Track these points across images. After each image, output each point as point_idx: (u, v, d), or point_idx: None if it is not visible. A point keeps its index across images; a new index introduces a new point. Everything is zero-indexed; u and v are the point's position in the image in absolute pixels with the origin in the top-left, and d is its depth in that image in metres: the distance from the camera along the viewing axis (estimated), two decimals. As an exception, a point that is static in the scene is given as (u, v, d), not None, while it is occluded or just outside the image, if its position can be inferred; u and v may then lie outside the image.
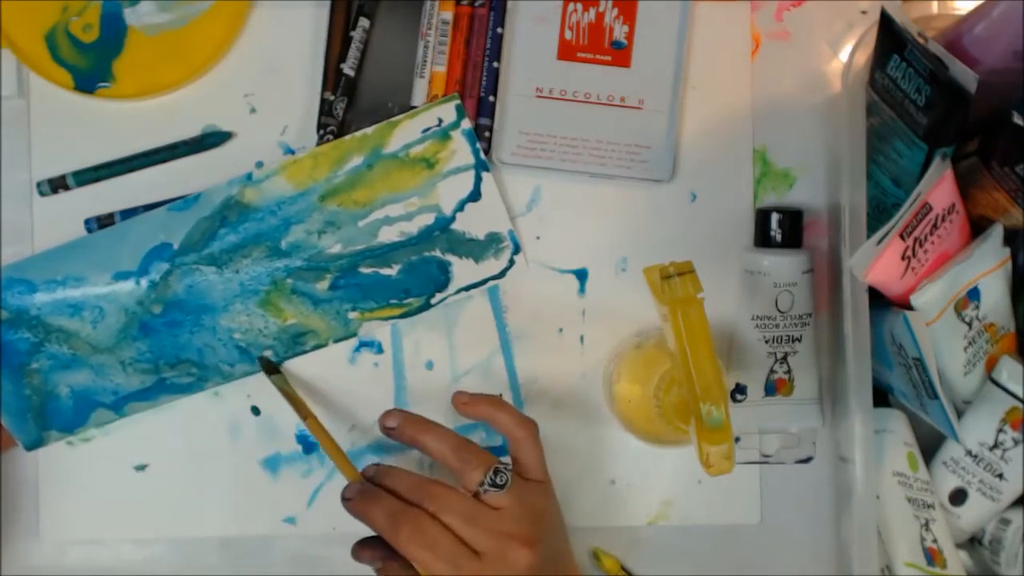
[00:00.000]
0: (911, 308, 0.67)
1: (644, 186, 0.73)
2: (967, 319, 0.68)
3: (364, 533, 0.62)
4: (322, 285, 0.71)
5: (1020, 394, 0.68)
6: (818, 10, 0.75)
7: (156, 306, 0.71)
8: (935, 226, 0.66)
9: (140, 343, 0.71)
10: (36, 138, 0.71)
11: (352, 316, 0.72)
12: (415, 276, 0.72)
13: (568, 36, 0.72)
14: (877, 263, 0.65)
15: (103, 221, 0.71)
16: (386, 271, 0.72)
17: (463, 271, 0.72)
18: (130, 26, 0.70)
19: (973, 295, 0.68)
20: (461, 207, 0.72)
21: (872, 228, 0.67)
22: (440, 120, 0.71)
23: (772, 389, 0.73)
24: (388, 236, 0.72)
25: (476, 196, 0.72)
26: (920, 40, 0.63)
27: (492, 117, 0.72)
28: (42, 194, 0.71)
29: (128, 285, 0.70)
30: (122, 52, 0.70)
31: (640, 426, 0.69)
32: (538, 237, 0.73)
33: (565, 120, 0.72)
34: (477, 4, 0.72)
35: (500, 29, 0.72)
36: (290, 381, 0.70)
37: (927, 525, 0.69)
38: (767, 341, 0.72)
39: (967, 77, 0.62)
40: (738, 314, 0.73)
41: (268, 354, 0.71)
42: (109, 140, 0.71)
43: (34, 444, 0.71)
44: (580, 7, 0.72)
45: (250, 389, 0.72)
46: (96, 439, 0.71)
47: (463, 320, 0.73)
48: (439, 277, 0.72)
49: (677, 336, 0.61)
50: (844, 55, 0.75)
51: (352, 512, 0.61)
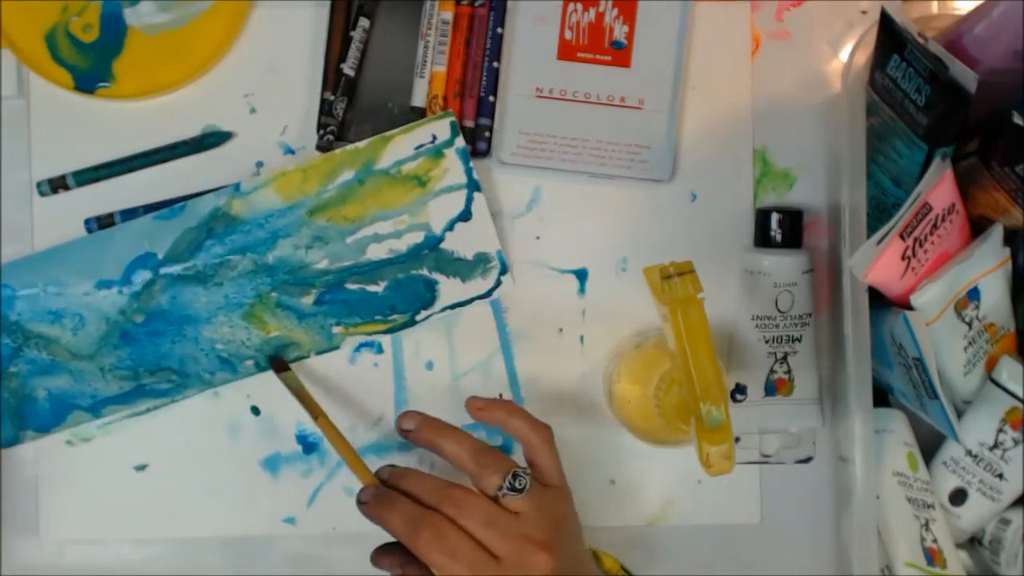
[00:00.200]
0: (911, 308, 0.67)
1: (644, 186, 0.73)
2: (967, 319, 0.68)
3: (364, 533, 0.62)
4: (307, 300, 0.71)
5: (1020, 394, 0.68)
6: (818, 10, 0.75)
7: (138, 315, 0.70)
8: (935, 226, 0.66)
9: (121, 351, 0.70)
10: (36, 138, 0.71)
11: (336, 331, 0.71)
12: (401, 293, 0.71)
13: (568, 36, 0.72)
14: (877, 263, 0.65)
15: (103, 221, 0.71)
16: (372, 288, 0.71)
17: (450, 290, 0.72)
18: (130, 26, 0.70)
19: (973, 295, 0.68)
20: (451, 226, 0.71)
21: (872, 228, 0.67)
22: (434, 137, 0.71)
23: (772, 389, 0.73)
24: (376, 253, 0.71)
25: (467, 216, 0.71)
26: (920, 40, 0.63)
27: (492, 117, 0.72)
28: (42, 194, 0.71)
29: (110, 294, 0.70)
30: (122, 52, 0.70)
31: (640, 426, 0.69)
32: (538, 237, 0.73)
33: (565, 120, 0.72)
34: (477, 4, 0.72)
35: (500, 29, 0.72)
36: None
37: (927, 525, 0.69)
38: (767, 341, 0.72)
39: (967, 77, 0.62)
40: (738, 314, 0.73)
41: (250, 364, 0.71)
42: (109, 140, 0.71)
43: (10, 442, 0.71)
44: (580, 7, 0.72)
45: (250, 389, 0.72)
46: (96, 439, 0.71)
47: (463, 320, 0.73)
48: (425, 295, 0.72)
49: (677, 336, 0.61)
50: (844, 55, 0.75)
51: (368, 516, 0.60)
